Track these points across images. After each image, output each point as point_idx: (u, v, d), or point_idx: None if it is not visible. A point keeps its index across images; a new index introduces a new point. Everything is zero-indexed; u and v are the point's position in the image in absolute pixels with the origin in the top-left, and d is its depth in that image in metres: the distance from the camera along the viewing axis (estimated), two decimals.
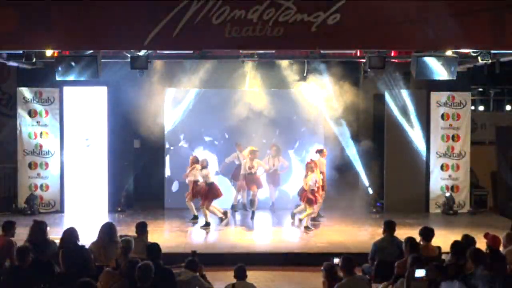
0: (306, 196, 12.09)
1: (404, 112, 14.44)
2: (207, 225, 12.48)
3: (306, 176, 12.22)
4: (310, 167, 12.16)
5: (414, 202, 14.35)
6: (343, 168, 14.45)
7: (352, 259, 6.98)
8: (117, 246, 7.71)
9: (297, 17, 9.44)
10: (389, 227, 8.58)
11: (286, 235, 12.20)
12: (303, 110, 14.49)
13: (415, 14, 9.55)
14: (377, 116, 14.89)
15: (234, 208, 14.08)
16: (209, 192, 12.50)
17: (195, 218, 12.96)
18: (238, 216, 13.80)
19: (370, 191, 14.55)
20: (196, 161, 12.92)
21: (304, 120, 14.64)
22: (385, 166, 14.51)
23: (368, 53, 10.95)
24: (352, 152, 14.65)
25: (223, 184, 13.85)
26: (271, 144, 14.01)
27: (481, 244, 7.95)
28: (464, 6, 9.51)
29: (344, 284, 6.81)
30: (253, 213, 13.31)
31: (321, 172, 12.54)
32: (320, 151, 13.18)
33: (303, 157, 14.51)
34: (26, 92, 14.11)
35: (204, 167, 12.58)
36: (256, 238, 12.00)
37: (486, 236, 8.30)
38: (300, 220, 12.60)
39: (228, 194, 13.90)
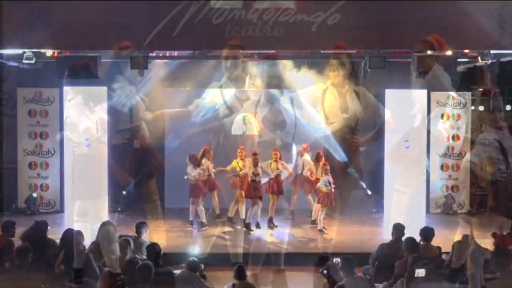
0: (321, 198, 12.10)
1: (404, 112, 14.40)
2: (201, 225, 12.41)
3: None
4: (325, 169, 12.20)
5: (414, 202, 14.31)
6: (342, 168, 14.43)
7: (352, 259, 6.98)
8: (117, 246, 7.72)
9: (297, 17, 9.45)
10: (398, 231, 8.54)
11: (286, 235, 12.19)
12: (303, 110, 14.49)
13: (415, 14, 9.55)
14: (377, 116, 14.86)
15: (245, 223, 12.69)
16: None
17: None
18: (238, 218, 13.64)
19: (370, 191, 14.53)
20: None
21: (304, 120, 14.63)
22: (385, 166, 14.48)
23: (368, 53, 10.96)
24: (352, 152, 14.61)
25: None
26: (274, 148, 13.34)
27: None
28: (464, 6, 9.51)
29: (344, 284, 6.81)
30: (257, 224, 12.54)
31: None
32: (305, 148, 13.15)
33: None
34: (26, 92, 14.09)
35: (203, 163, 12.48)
36: (256, 238, 11.99)
37: (494, 235, 8.30)
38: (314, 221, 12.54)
39: None
